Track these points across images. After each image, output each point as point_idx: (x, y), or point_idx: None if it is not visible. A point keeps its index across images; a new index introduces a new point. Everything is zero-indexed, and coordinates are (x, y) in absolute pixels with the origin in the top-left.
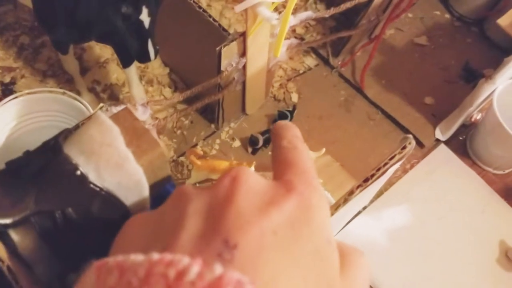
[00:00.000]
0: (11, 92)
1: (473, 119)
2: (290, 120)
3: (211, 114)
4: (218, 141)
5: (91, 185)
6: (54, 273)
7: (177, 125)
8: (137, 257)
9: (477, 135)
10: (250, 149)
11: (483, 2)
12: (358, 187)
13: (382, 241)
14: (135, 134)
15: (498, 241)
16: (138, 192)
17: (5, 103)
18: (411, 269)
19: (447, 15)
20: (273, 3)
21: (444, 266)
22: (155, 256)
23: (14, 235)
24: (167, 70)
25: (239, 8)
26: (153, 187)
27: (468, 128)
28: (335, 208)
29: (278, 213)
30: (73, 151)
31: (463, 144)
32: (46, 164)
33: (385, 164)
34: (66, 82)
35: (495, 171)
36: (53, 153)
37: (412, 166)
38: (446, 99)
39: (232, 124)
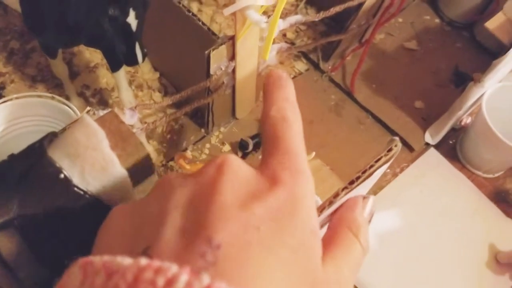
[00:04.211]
0: (0, 96)
1: (463, 123)
2: None
3: (201, 118)
4: (208, 145)
5: (75, 189)
6: (38, 278)
7: (166, 130)
8: (124, 260)
9: (467, 139)
10: (240, 154)
11: (473, 6)
12: (343, 189)
13: (371, 245)
14: (120, 137)
15: (488, 245)
16: (123, 196)
17: None
18: (400, 272)
19: (437, 20)
20: (262, 6)
21: (434, 269)
22: (143, 261)
23: None
24: (157, 74)
25: (227, 11)
26: (138, 190)
27: (458, 131)
28: (320, 210)
29: (262, 208)
30: (58, 154)
31: (453, 148)
32: (30, 168)
33: (371, 166)
34: (56, 87)
35: (485, 175)
36: (37, 156)
37: (402, 170)
38: (436, 103)
39: (222, 129)
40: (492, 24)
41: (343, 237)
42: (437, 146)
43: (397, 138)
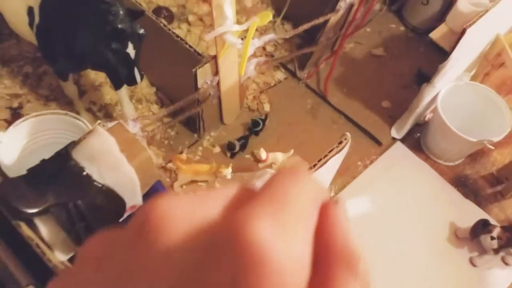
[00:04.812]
0: (19, 115)
1: (426, 118)
2: (263, 127)
3: (193, 125)
4: (200, 148)
5: (95, 183)
6: (69, 253)
7: (164, 136)
8: None
9: (428, 132)
10: (228, 154)
11: (433, 14)
12: None
13: None
14: (127, 143)
15: (449, 223)
16: (131, 188)
17: (17, 124)
18: (373, 250)
19: (402, 28)
20: (237, 31)
21: (401, 246)
22: None
23: (38, 222)
24: (154, 89)
25: (208, 36)
26: (143, 184)
27: (422, 126)
28: None
29: None
30: (80, 157)
31: (418, 141)
32: (59, 168)
33: (325, 156)
34: (67, 104)
35: (446, 163)
36: (64, 159)
37: (371, 162)
38: (401, 102)
39: (212, 133)
40: (436, 34)
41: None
42: (403, 140)
43: (348, 134)
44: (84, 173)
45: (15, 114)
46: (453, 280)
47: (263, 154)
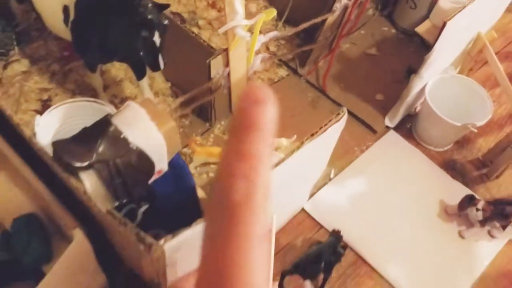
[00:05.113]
0: (49, 106)
1: (417, 110)
2: None
3: (205, 115)
4: (212, 135)
5: (130, 145)
6: (108, 207)
7: (179, 125)
8: None
9: (419, 121)
10: None
11: (421, 17)
12: (307, 139)
13: (345, 204)
14: (156, 113)
15: (439, 201)
16: (159, 151)
17: (51, 110)
18: (368, 224)
19: (393, 30)
20: (246, 25)
21: (395, 221)
22: None
23: (83, 176)
24: (169, 84)
25: (222, 29)
26: (169, 150)
27: (413, 117)
28: (290, 153)
29: None
30: (118, 123)
31: (409, 130)
32: (102, 131)
33: (325, 124)
34: (91, 97)
35: (436, 149)
36: (105, 124)
37: (367, 148)
38: (393, 95)
39: (222, 122)
40: (421, 29)
41: None
42: (396, 129)
43: (344, 108)
44: (122, 136)
45: (45, 106)
46: (443, 251)
47: None
